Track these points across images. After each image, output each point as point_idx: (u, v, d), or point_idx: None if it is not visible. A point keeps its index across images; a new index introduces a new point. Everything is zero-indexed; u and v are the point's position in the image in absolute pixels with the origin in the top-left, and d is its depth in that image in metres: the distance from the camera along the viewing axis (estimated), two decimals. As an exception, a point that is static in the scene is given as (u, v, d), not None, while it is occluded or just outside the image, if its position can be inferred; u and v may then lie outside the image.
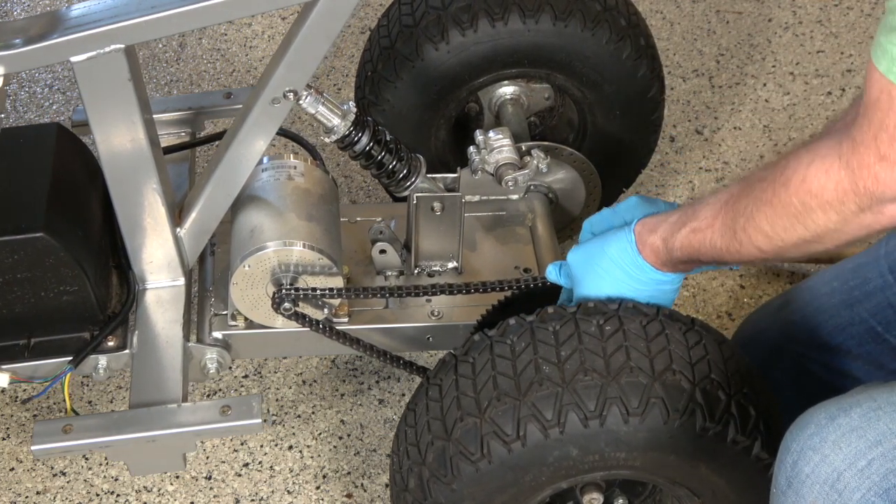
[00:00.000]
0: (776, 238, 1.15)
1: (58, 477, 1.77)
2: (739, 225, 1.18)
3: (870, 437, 1.05)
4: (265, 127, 1.47)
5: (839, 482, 1.04)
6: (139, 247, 1.54)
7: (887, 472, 1.03)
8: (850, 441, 1.05)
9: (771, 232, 1.15)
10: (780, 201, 1.13)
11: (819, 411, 1.10)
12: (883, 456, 1.04)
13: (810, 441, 1.08)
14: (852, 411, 1.07)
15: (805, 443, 1.08)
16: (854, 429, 1.06)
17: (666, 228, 1.28)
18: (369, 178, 2.19)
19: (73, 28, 1.34)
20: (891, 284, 1.45)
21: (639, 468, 1.31)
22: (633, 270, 1.32)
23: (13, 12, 2.62)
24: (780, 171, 1.14)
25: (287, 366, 1.91)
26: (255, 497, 1.74)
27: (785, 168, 1.13)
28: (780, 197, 1.13)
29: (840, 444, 1.06)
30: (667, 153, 2.24)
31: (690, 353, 1.29)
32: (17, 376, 1.51)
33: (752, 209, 1.17)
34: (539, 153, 1.68)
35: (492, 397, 1.28)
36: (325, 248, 1.52)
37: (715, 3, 2.58)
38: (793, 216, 1.12)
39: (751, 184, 1.19)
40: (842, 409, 1.08)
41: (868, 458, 1.04)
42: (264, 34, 2.54)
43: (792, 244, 1.15)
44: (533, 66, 1.76)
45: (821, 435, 1.07)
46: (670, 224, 1.28)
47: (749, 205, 1.17)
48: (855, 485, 1.04)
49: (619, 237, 1.33)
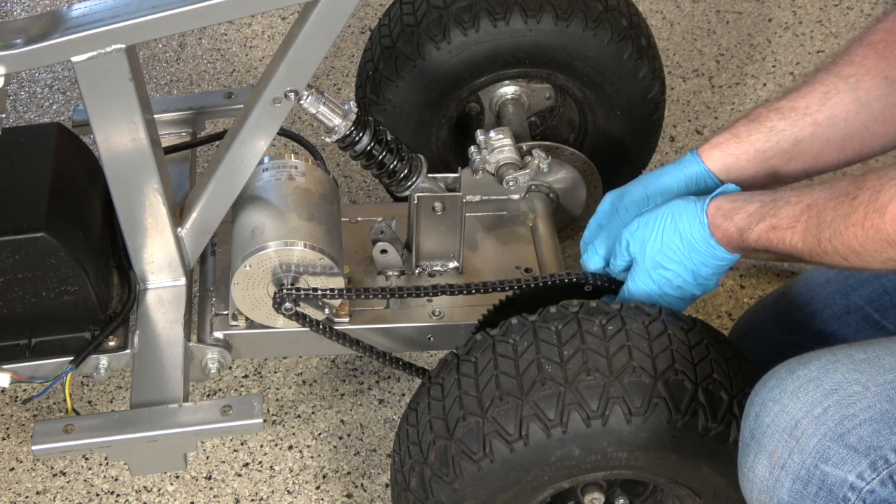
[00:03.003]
0: (866, 255, 1.15)
1: (58, 477, 1.76)
2: (825, 236, 1.17)
3: (826, 386, 1.08)
4: (266, 127, 1.47)
5: (797, 429, 1.07)
6: (140, 246, 1.54)
7: (842, 417, 1.06)
8: (808, 391, 1.09)
9: (861, 250, 1.14)
10: (874, 226, 1.12)
11: (781, 366, 1.13)
12: (838, 403, 1.07)
13: (771, 393, 1.11)
14: (811, 364, 1.11)
15: (766, 395, 1.12)
16: (812, 379, 1.10)
17: (743, 219, 1.27)
18: (369, 178, 2.19)
19: (74, 28, 1.34)
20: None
21: (641, 468, 1.31)
22: (702, 247, 1.31)
23: (13, 12, 2.62)
24: (873, 193, 1.12)
25: (287, 366, 1.91)
26: (255, 497, 1.74)
27: (878, 192, 1.11)
28: (874, 222, 1.12)
29: (798, 393, 1.09)
30: (667, 153, 2.24)
31: (693, 353, 1.29)
32: (18, 376, 1.50)
33: (839, 225, 1.15)
34: (540, 153, 1.68)
35: (494, 396, 1.28)
36: (326, 248, 1.52)
37: (715, 3, 2.58)
38: (886, 243, 1.11)
39: (836, 196, 1.17)
40: (801, 363, 1.13)
41: (824, 405, 1.07)
42: (264, 34, 2.54)
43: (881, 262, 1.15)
44: (534, 65, 1.76)
45: (780, 387, 1.11)
46: (747, 215, 1.26)
47: (836, 220, 1.16)
48: (812, 431, 1.07)
49: (689, 214, 1.32)
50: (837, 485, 1.05)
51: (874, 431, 1.05)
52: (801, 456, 1.07)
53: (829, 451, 1.06)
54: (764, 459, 1.10)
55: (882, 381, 1.08)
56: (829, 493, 1.06)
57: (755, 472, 1.11)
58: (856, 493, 1.05)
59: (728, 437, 1.27)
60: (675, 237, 1.32)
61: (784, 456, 1.08)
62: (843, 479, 1.05)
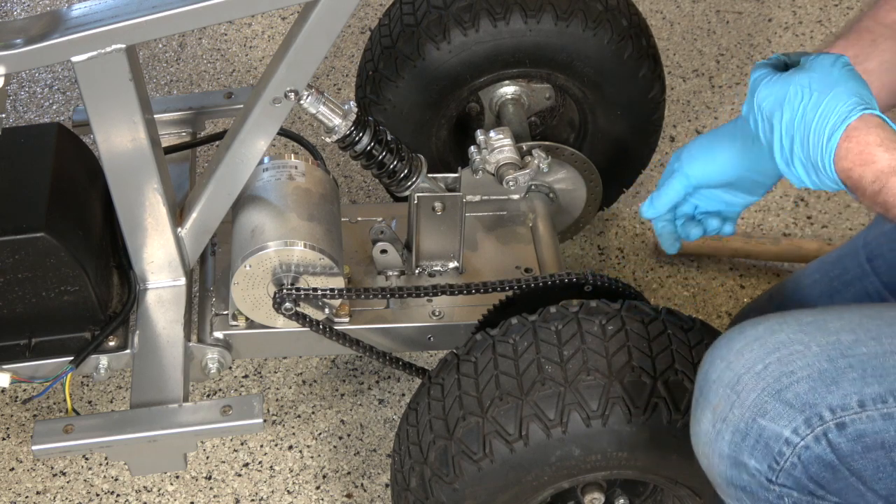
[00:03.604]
0: None
1: (58, 477, 1.76)
2: None
3: (769, 345, 1.11)
4: (266, 127, 1.47)
5: (738, 384, 1.10)
6: (140, 247, 1.54)
7: (781, 374, 1.09)
8: (753, 349, 1.11)
9: None
10: None
11: (734, 328, 1.16)
12: (779, 361, 1.09)
13: (719, 351, 1.14)
14: (760, 325, 1.14)
15: (715, 353, 1.14)
16: (757, 338, 1.12)
17: (874, 172, 1.12)
18: (369, 178, 2.19)
19: (74, 28, 1.34)
20: (868, 273, 1.48)
21: (641, 468, 1.31)
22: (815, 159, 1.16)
23: (13, 12, 2.62)
24: None
25: (287, 366, 1.91)
26: (255, 497, 1.74)
27: None
28: None
29: (743, 351, 1.12)
30: (667, 153, 2.24)
31: (693, 353, 1.29)
32: (18, 376, 1.50)
33: None
34: (540, 153, 1.68)
35: (494, 396, 1.28)
36: (326, 248, 1.52)
37: (715, 3, 2.58)
38: None
39: None
40: (751, 324, 1.15)
41: (766, 362, 1.10)
42: (264, 34, 2.54)
43: None
44: (534, 65, 1.76)
45: (729, 345, 1.14)
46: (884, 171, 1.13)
47: None
48: (751, 386, 1.09)
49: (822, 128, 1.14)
50: (773, 439, 1.08)
51: (811, 389, 1.08)
52: (740, 410, 1.09)
53: (766, 405, 1.08)
54: (708, 413, 1.12)
55: (824, 342, 1.10)
56: (766, 447, 1.08)
57: (700, 426, 1.13)
58: (791, 447, 1.08)
59: (728, 437, 1.27)
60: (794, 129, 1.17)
61: (725, 410, 1.11)
62: (778, 433, 1.08)
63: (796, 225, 2.12)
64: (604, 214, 2.11)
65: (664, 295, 2.00)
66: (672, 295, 2.00)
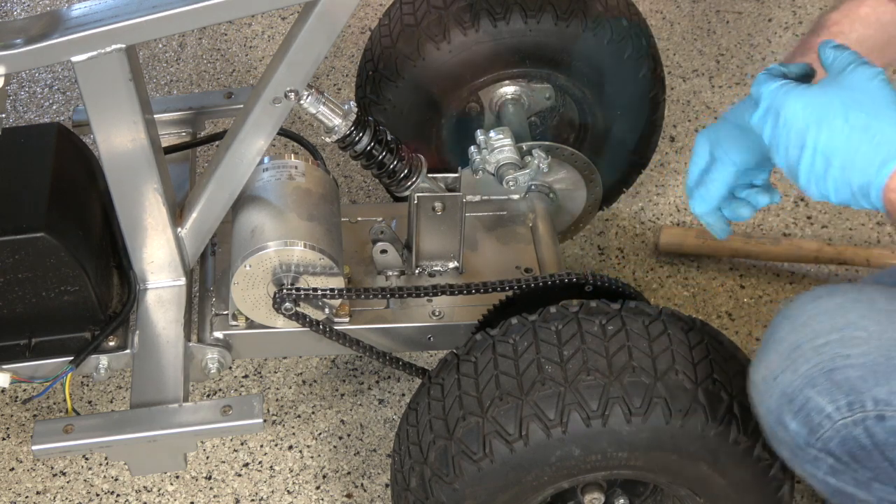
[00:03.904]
0: None
1: (58, 477, 1.76)
2: None
3: (836, 323, 1.14)
4: (266, 127, 1.47)
5: (796, 352, 1.15)
6: (140, 247, 1.54)
7: (836, 355, 1.12)
8: (820, 321, 1.15)
9: None
10: None
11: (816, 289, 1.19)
12: (839, 341, 1.13)
13: (790, 311, 1.19)
14: (834, 297, 1.17)
15: (786, 312, 1.19)
16: (827, 311, 1.15)
17: None
18: (369, 178, 2.19)
19: (74, 28, 1.34)
20: None
21: (641, 468, 1.31)
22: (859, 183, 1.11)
23: (13, 12, 2.62)
24: None
25: (287, 366, 1.91)
26: (255, 497, 1.74)
27: None
28: None
29: (810, 322, 1.16)
30: (667, 153, 2.24)
31: (693, 353, 1.29)
32: (18, 376, 1.50)
33: None
34: (540, 153, 1.68)
35: (494, 396, 1.28)
36: (326, 248, 1.52)
37: (715, 3, 2.58)
38: None
39: None
40: (828, 292, 1.18)
41: (827, 339, 1.13)
42: (264, 34, 2.54)
43: None
44: (534, 65, 1.76)
45: (800, 309, 1.17)
46: None
47: None
48: (807, 357, 1.14)
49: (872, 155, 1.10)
50: (815, 410, 1.13)
51: (861, 377, 1.11)
52: (792, 376, 1.14)
53: (816, 379, 1.13)
54: (763, 368, 1.18)
55: (886, 337, 1.12)
56: (807, 416, 1.13)
57: (757, 374, 1.19)
58: (830, 422, 1.12)
59: (728, 437, 1.27)
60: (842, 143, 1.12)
61: (777, 371, 1.16)
62: (821, 407, 1.12)
63: (796, 225, 2.12)
64: (604, 214, 2.11)
65: (664, 295, 2.00)
66: (672, 295, 2.00)
